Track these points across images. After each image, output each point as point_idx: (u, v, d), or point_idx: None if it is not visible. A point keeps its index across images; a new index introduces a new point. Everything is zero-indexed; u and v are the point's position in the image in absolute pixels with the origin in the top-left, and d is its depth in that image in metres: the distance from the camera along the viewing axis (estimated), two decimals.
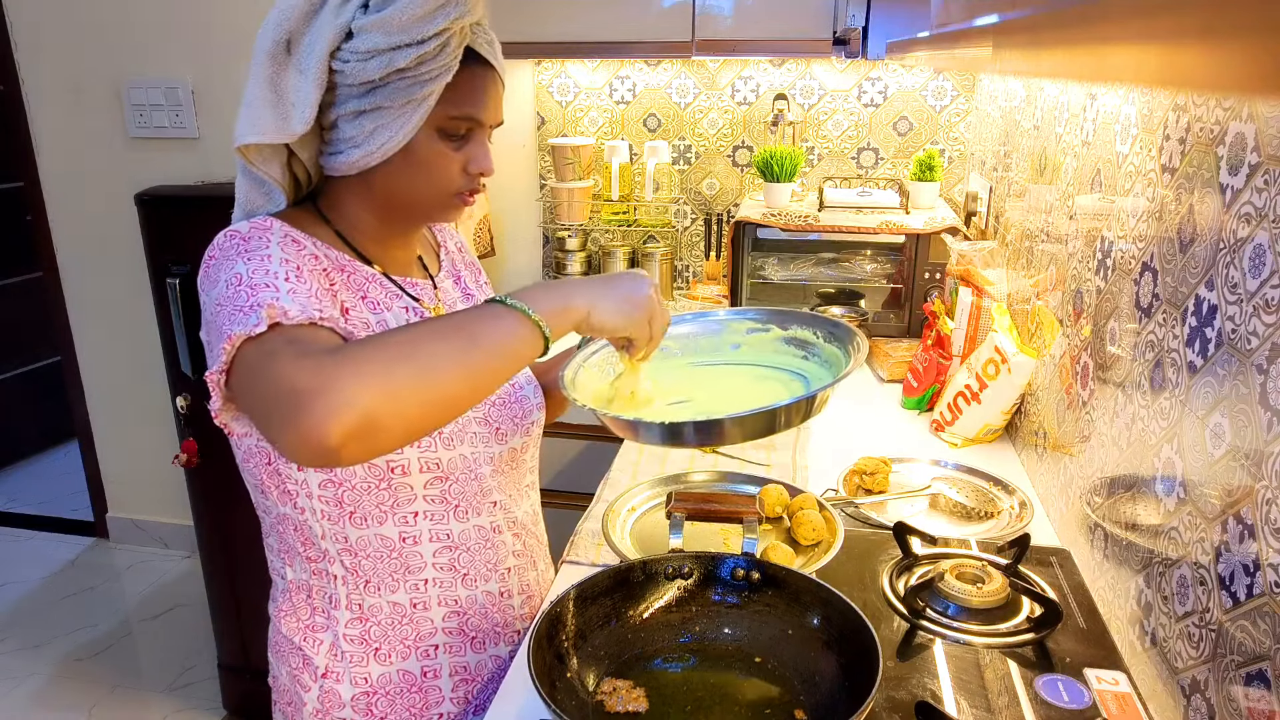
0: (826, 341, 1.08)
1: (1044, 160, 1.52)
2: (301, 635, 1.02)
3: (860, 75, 2.42)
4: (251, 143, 0.91)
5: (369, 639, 1.01)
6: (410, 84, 0.88)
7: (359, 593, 1.00)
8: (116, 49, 2.66)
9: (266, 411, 0.74)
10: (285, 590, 1.04)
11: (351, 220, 0.99)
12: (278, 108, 0.89)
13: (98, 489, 3.21)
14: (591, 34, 2.17)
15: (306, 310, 0.82)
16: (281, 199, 0.97)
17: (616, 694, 0.90)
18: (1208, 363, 0.86)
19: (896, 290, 2.20)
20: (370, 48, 0.86)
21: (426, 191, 0.96)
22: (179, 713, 2.41)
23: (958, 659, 0.99)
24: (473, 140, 0.96)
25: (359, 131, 0.91)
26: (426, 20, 0.85)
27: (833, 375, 1.03)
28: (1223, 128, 0.86)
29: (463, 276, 1.16)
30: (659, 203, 2.58)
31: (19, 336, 3.83)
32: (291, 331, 0.79)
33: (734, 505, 1.11)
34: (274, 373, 0.74)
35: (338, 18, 0.87)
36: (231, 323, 0.80)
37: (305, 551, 0.99)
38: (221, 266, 0.87)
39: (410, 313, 1.00)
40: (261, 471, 0.96)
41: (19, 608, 2.88)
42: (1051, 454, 1.38)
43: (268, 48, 0.89)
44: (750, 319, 1.15)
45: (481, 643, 1.08)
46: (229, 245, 0.89)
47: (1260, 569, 0.75)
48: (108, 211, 2.79)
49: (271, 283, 0.83)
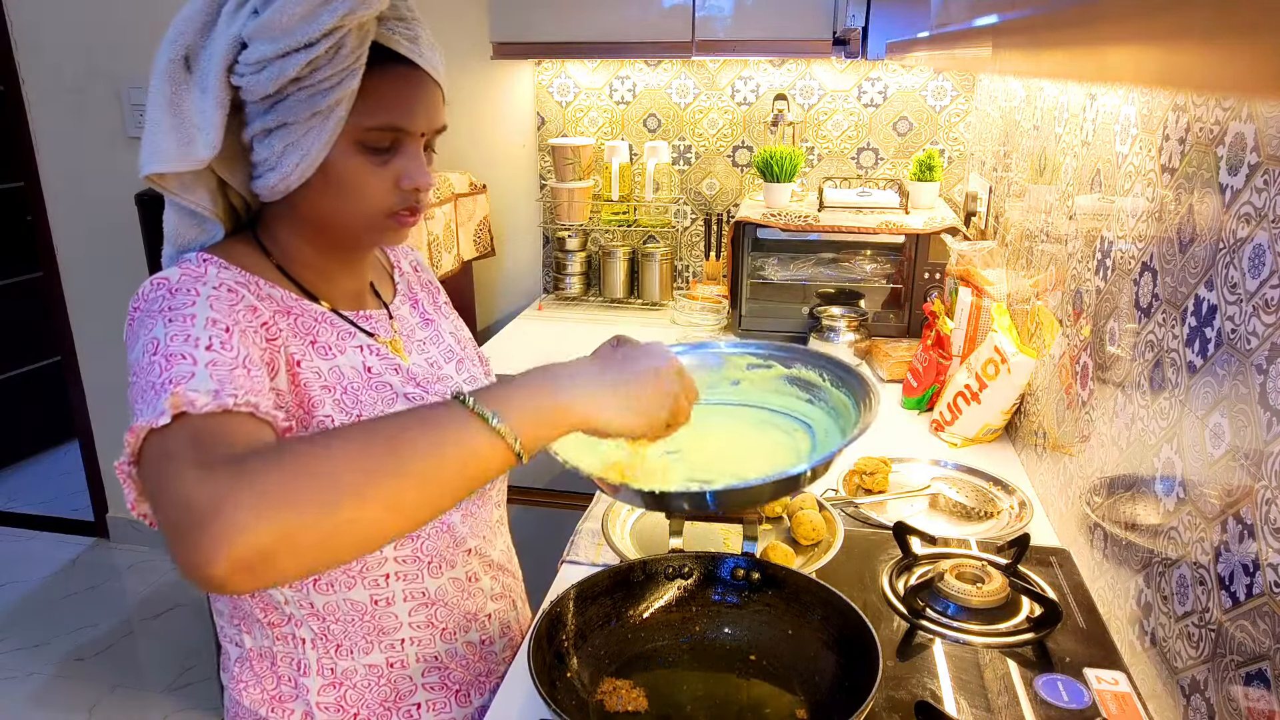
0: (835, 386, 1.00)
1: (1044, 160, 1.52)
2: (268, 706, 0.93)
3: (860, 75, 2.42)
4: (156, 172, 0.81)
5: (346, 705, 0.93)
6: (310, 94, 0.78)
7: (330, 657, 0.92)
8: (116, 49, 2.66)
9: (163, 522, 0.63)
10: (243, 659, 0.94)
11: (289, 252, 0.89)
12: (179, 131, 0.80)
13: (98, 489, 3.21)
14: (591, 34, 2.17)
15: (220, 395, 0.69)
16: (217, 230, 0.87)
17: (616, 694, 0.90)
18: (1207, 363, 0.86)
19: (896, 290, 2.20)
20: (259, 58, 0.76)
21: (355, 214, 0.85)
22: (179, 713, 2.41)
23: (958, 659, 0.99)
24: (401, 152, 0.85)
25: (270, 152, 0.81)
26: (309, 19, 0.75)
27: (839, 427, 0.93)
28: (1223, 128, 0.86)
29: (420, 300, 1.07)
30: (659, 203, 2.58)
31: (19, 336, 3.83)
32: (198, 425, 0.66)
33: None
34: (170, 481, 0.62)
35: (230, 26, 0.77)
36: (140, 404, 0.69)
37: (266, 618, 0.91)
38: (142, 325, 0.76)
39: (366, 352, 0.91)
40: None
41: (19, 607, 2.88)
42: (1051, 454, 1.38)
43: (164, 66, 0.80)
44: (751, 353, 1.07)
45: (466, 695, 1.02)
46: (154, 297, 0.78)
47: (1260, 569, 0.75)
48: (108, 211, 2.79)
49: (189, 353, 0.72)
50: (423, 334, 1.02)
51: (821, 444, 0.96)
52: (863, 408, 0.91)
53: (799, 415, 1.01)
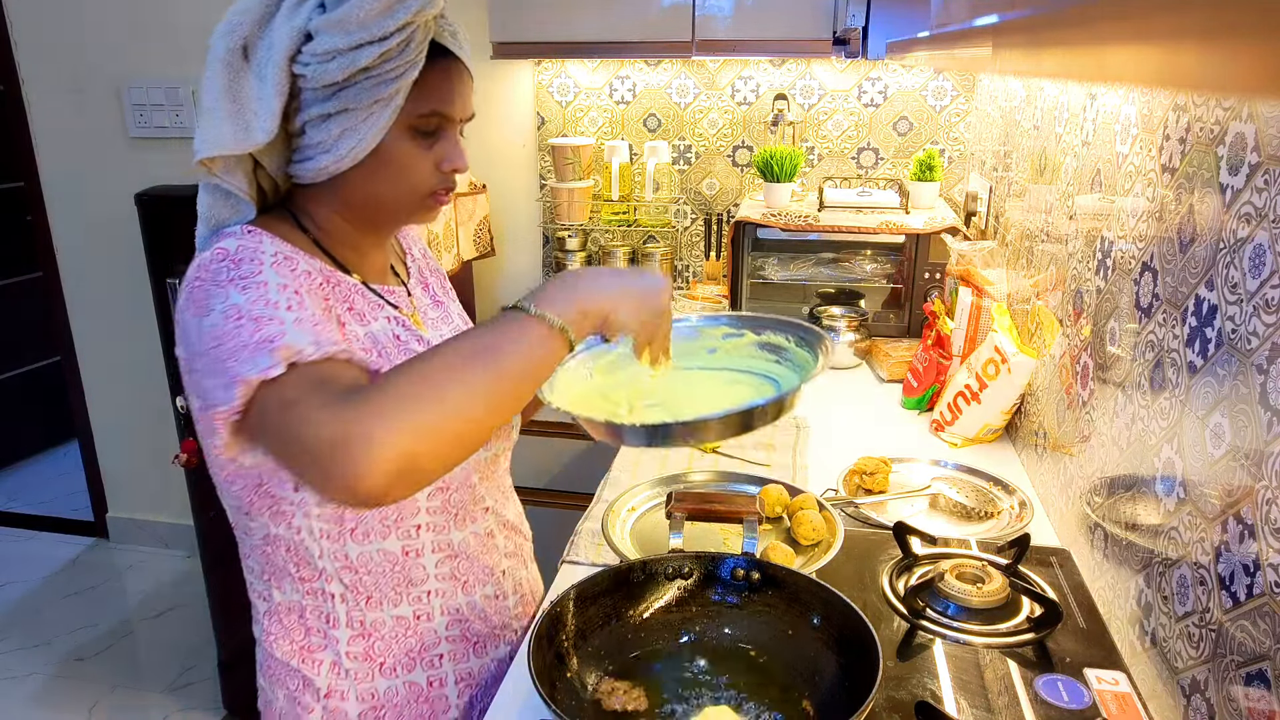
0: (798, 346, 1.10)
1: (1044, 160, 1.52)
2: (299, 657, 0.98)
3: (860, 75, 2.42)
4: (213, 155, 0.86)
5: (373, 654, 0.99)
6: (376, 83, 0.85)
7: (360, 609, 0.97)
8: (116, 49, 2.66)
9: (300, 461, 0.73)
10: (272, 612, 1.00)
11: (326, 228, 0.96)
12: (238, 117, 0.85)
13: (98, 489, 3.21)
14: (591, 34, 2.17)
15: (320, 344, 0.78)
16: (250, 210, 0.93)
17: (615, 694, 0.90)
18: (1208, 363, 0.86)
19: (896, 290, 2.20)
20: (330, 48, 0.82)
21: (400, 193, 0.93)
22: (179, 713, 2.41)
23: (958, 659, 0.99)
24: (443, 137, 0.93)
25: (327, 136, 0.87)
26: (387, 15, 0.82)
27: (800, 378, 1.04)
28: (1223, 128, 0.86)
29: (430, 283, 1.13)
30: (659, 203, 2.58)
31: (19, 336, 3.83)
32: (310, 372, 0.76)
33: (734, 505, 1.11)
34: (301, 422, 0.72)
35: (293, 19, 0.84)
36: (239, 363, 0.76)
37: (297, 572, 0.96)
38: (213, 294, 0.82)
39: (392, 323, 0.98)
40: (249, 494, 0.92)
41: (19, 607, 2.88)
42: (1051, 454, 1.38)
43: (222, 55, 0.85)
44: (724, 324, 1.16)
45: (483, 646, 1.07)
46: (218, 269, 0.84)
47: (1260, 569, 0.75)
48: (108, 211, 2.79)
49: (273, 315, 0.79)
50: (435, 314, 1.10)
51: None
52: (820, 352, 1.04)
53: (766, 374, 1.11)
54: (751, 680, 0.93)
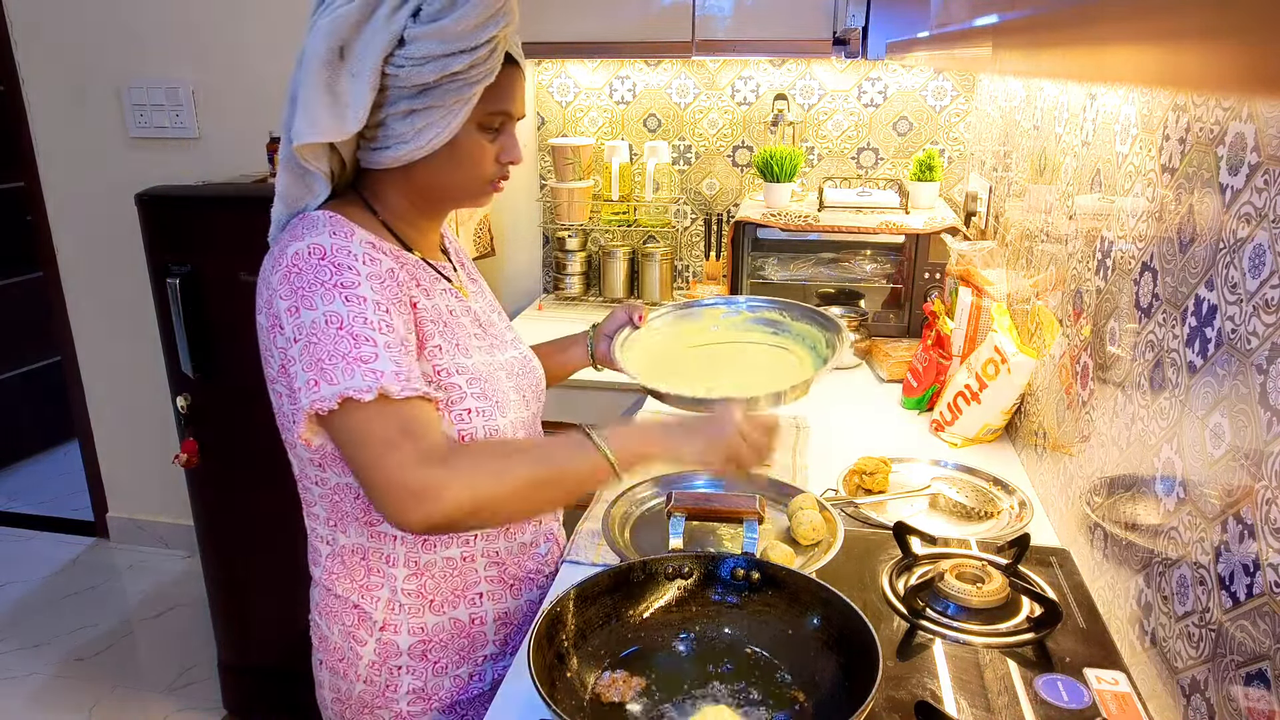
0: (795, 320, 1.34)
1: (1044, 160, 1.52)
2: (358, 593, 1.09)
3: (860, 75, 2.42)
4: (310, 142, 0.97)
5: (425, 592, 1.09)
6: (461, 85, 0.96)
7: (416, 551, 1.08)
8: (116, 49, 2.66)
9: (376, 489, 0.90)
10: (335, 554, 1.10)
11: (393, 209, 1.07)
12: (334, 109, 0.96)
13: (98, 489, 3.21)
14: (591, 34, 2.17)
15: (407, 384, 0.92)
16: (325, 190, 1.03)
17: (614, 685, 0.90)
18: (1208, 363, 0.86)
19: (896, 290, 2.20)
20: (425, 54, 0.93)
21: (465, 181, 1.05)
22: (179, 713, 2.41)
23: (958, 659, 0.99)
24: (505, 133, 1.06)
25: (409, 128, 0.98)
26: (481, 29, 0.94)
27: (808, 345, 1.32)
28: (1223, 128, 0.86)
29: (466, 263, 1.25)
30: (659, 203, 2.58)
31: (19, 336, 3.83)
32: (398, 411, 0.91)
33: (734, 505, 1.12)
34: (392, 465, 0.89)
35: (390, 26, 0.94)
36: (338, 372, 0.90)
37: (364, 517, 1.07)
38: (316, 294, 0.94)
39: (448, 294, 1.09)
40: (321, 452, 1.03)
41: (19, 608, 2.88)
42: (1051, 454, 1.38)
43: (322, 54, 0.95)
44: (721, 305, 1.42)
45: (518, 589, 1.17)
46: (318, 267, 0.95)
47: (1260, 569, 0.75)
48: (108, 211, 2.79)
49: (370, 335, 0.92)
50: (473, 288, 1.21)
51: (800, 359, 1.31)
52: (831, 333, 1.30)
53: (775, 345, 1.35)
54: (751, 680, 0.93)
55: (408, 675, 1.10)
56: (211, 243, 2.02)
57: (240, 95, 2.61)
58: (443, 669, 1.12)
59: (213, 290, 2.03)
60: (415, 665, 1.10)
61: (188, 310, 2.03)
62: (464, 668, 1.13)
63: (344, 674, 1.11)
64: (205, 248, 2.03)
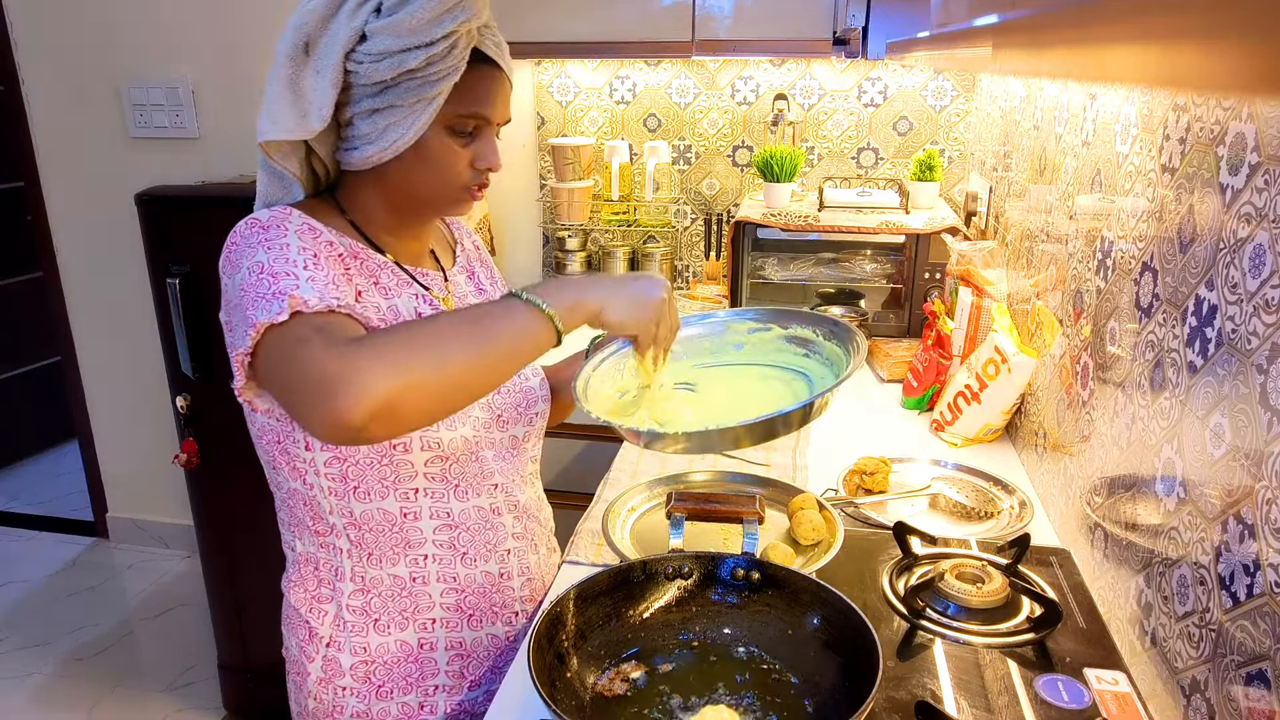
0: (827, 339, 1.11)
1: (1044, 160, 1.52)
2: (308, 606, 1.06)
3: (860, 75, 2.42)
4: (273, 139, 0.96)
5: (369, 610, 1.05)
6: (420, 84, 0.93)
7: (362, 565, 1.04)
8: (116, 49, 2.66)
9: (294, 395, 0.82)
10: (295, 563, 1.08)
11: (366, 213, 1.04)
12: (297, 106, 0.94)
13: (98, 489, 3.21)
14: (591, 34, 2.17)
15: (325, 298, 0.87)
16: (300, 192, 1.02)
17: (614, 681, 0.90)
18: (1208, 363, 0.86)
19: (896, 290, 2.20)
20: (382, 50, 0.91)
21: (436, 185, 1.01)
22: (179, 713, 2.41)
23: (958, 659, 0.99)
24: (480, 137, 1.01)
25: (373, 129, 0.95)
26: (435, 24, 0.90)
27: (834, 374, 1.04)
28: (1223, 128, 0.86)
29: (477, 273, 1.20)
30: (659, 203, 2.58)
31: (19, 336, 3.83)
32: (314, 319, 0.85)
33: (734, 505, 1.12)
34: (302, 360, 0.81)
35: (352, 21, 0.92)
36: (256, 309, 0.86)
37: (313, 525, 1.04)
38: (243, 253, 0.92)
39: (419, 300, 1.04)
40: (274, 449, 1.01)
41: (20, 607, 2.88)
42: (1051, 454, 1.38)
43: (287, 50, 0.94)
44: (750, 319, 1.17)
45: (479, 620, 1.10)
46: (249, 233, 0.94)
47: (1260, 569, 0.75)
48: (108, 211, 2.79)
49: (291, 271, 0.89)
50: (475, 300, 1.16)
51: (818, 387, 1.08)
52: (851, 350, 1.04)
53: (798, 369, 1.11)
54: (751, 680, 0.93)
55: (352, 697, 1.06)
56: (212, 243, 2.00)
57: (240, 95, 2.61)
58: (387, 693, 1.06)
59: (213, 290, 2.02)
60: (359, 687, 1.05)
61: (187, 310, 2.03)
62: (411, 695, 1.07)
63: (300, 687, 1.09)
64: (205, 248, 2.02)
